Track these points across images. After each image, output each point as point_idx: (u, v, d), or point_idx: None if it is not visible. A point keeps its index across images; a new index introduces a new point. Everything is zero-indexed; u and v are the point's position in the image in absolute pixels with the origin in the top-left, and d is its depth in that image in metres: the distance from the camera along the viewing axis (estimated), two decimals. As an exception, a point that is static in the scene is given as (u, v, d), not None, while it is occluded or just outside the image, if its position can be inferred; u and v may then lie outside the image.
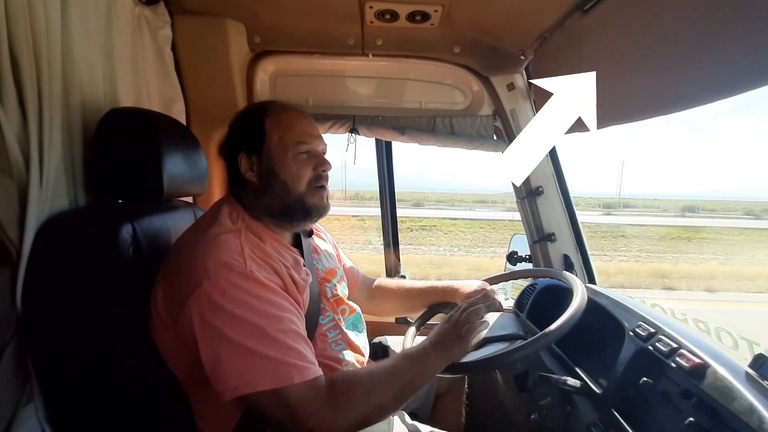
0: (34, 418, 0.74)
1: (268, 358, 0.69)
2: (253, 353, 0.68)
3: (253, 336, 0.69)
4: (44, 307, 0.71)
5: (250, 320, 0.69)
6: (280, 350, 0.70)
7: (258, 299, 0.71)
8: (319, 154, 0.90)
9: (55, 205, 0.78)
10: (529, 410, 0.90)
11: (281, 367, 0.69)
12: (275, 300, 0.74)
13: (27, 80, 0.72)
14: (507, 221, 16.89)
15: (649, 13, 0.74)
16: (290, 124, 0.88)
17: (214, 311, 0.69)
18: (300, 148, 0.87)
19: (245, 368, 0.68)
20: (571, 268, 1.38)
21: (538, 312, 1.14)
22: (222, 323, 0.68)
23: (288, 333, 0.72)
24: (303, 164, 0.87)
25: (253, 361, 0.68)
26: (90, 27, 0.88)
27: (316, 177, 0.88)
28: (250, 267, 0.73)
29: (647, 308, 0.95)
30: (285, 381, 0.68)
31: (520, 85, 1.37)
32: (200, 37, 1.27)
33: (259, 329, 0.69)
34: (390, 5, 1.11)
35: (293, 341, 0.72)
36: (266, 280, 0.74)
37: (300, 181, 0.87)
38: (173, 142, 0.91)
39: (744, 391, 0.63)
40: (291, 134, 0.87)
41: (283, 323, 0.73)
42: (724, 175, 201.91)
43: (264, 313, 0.71)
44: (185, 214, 1.04)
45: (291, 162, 0.86)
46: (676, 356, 0.73)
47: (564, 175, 1.41)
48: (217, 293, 0.69)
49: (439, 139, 1.43)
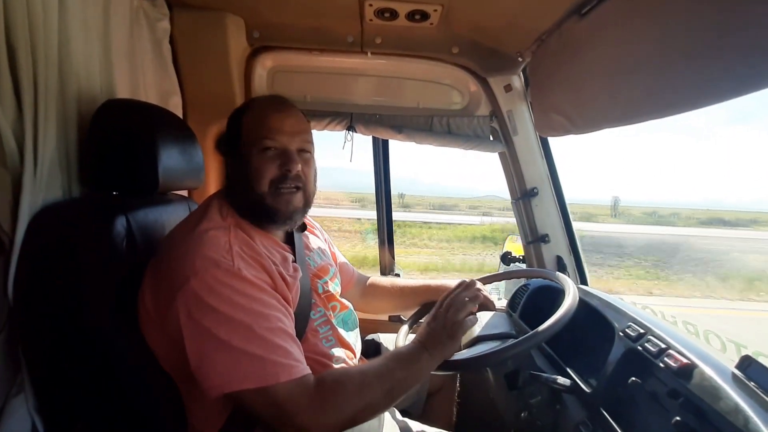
0: (24, 408, 0.73)
1: (254, 356, 0.68)
2: (239, 351, 0.68)
3: (239, 334, 0.68)
4: (36, 298, 0.71)
5: (237, 318, 0.69)
6: (267, 348, 0.69)
7: (245, 297, 0.71)
8: (287, 152, 0.84)
9: (49, 195, 0.77)
10: (519, 408, 0.91)
11: (267, 365, 0.68)
12: (263, 298, 0.74)
13: (23, 70, 0.72)
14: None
15: (645, 17, 0.75)
16: (261, 120, 0.84)
17: (201, 308, 0.68)
18: (264, 143, 0.82)
19: (231, 366, 0.68)
20: (563, 269, 1.39)
21: (531, 312, 1.15)
22: (208, 320, 0.68)
23: (275, 331, 0.72)
24: (266, 161, 0.82)
25: (238, 359, 0.68)
26: (88, 18, 0.88)
27: (280, 177, 0.83)
28: (237, 265, 0.73)
29: (637, 309, 0.96)
30: (271, 379, 0.68)
31: (517, 86, 1.38)
32: (199, 31, 1.26)
33: (246, 327, 0.69)
34: (390, 3, 1.11)
35: (280, 339, 0.72)
36: (254, 278, 0.74)
37: (262, 180, 0.82)
38: (169, 135, 0.90)
39: (730, 391, 0.63)
40: (258, 129, 0.83)
41: (270, 321, 0.72)
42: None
43: (251, 311, 0.71)
44: (180, 207, 1.03)
45: (255, 159, 0.82)
46: (665, 356, 0.74)
47: (559, 177, 1.42)
48: (204, 290, 0.69)
49: (436, 138, 1.43)
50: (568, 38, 1.01)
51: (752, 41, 0.56)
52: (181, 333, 0.69)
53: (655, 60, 0.73)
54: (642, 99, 0.79)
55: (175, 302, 0.69)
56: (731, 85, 0.60)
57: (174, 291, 0.69)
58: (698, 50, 0.65)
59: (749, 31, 0.56)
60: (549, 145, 1.41)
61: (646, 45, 0.75)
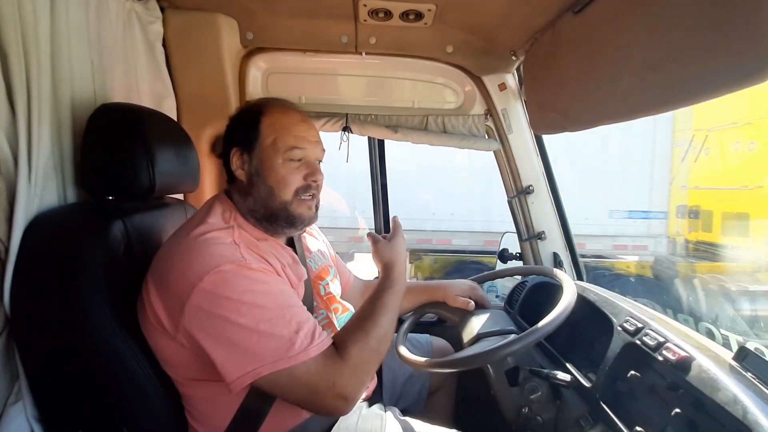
0: (22, 417, 0.73)
1: (282, 337, 0.69)
2: (267, 335, 0.69)
3: (264, 319, 0.69)
4: (34, 305, 0.71)
5: (258, 303, 0.70)
6: (292, 327, 0.71)
7: (261, 284, 0.72)
8: (312, 162, 0.87)
9: (44, 201, 0.77)
10: (520, 404, 0.91)
11: (296, 343, 0.70)
12: (276, 282, 0.76)
13: (16, 75, 0.71)
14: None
15: (639, 14, 0.76)
16: (287, 127, 0.85)
17: (220, 303, 0.68)
18: (292, 154, 0.83)
19: (261, 351, 0.68)
20: (560, 265, 1.41)
21: (529, 309, 1.16)
22: (230, 312, 0.68)
23: (294, 308, 0.74)
24: (293, 171, 0.84)
25: (267, 343, 0.69)
26: (80, 21, 0.87)
27: (305, 186, 0.85)
28: (247, 259, 0.73)
29: (635, 303, 0.97)
30: (303, 356, 0.69)
31: (512, 85, 1.39)
32: (192, 33, 1.25)
33: (269, 311, 0.70)
34: (383, 4, 1.11)
35: (302, 316, 0.74)
36: (263, 269, 0.75)
37: (287, 189, 0.84)
38: (165, 139, 0.90)
39: (728, 382, 0.64)
40: (285, 138, 0.84)
41: (288, 299, 0.75)
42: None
43: (270, 295, 0.72)
44: (177, 211, 1.03)
45: (280, 167, 0.83)
46: (663, 350, 0.75)
47: (554, 174, 1.43)
48: (219, 286, 0.69)
49: (432, 137, 1.44)
50: (562, 36, 1.02)
51: (745, 38, 0.56)
52: (200, 333, 0.69)
53: (649, 57, 0.74)
54: (636, 96, 0.80)
55: (190, 304, 0.68)
56: (724, 82, 0.61)
57: (187, 293, 0.69)
58: (691, 47, 0.65)
59: (742, 28, 0.57)
60: (544, 142, 1.42)
61: (639, 42, 0.76)
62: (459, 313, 1.05)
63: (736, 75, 0.58)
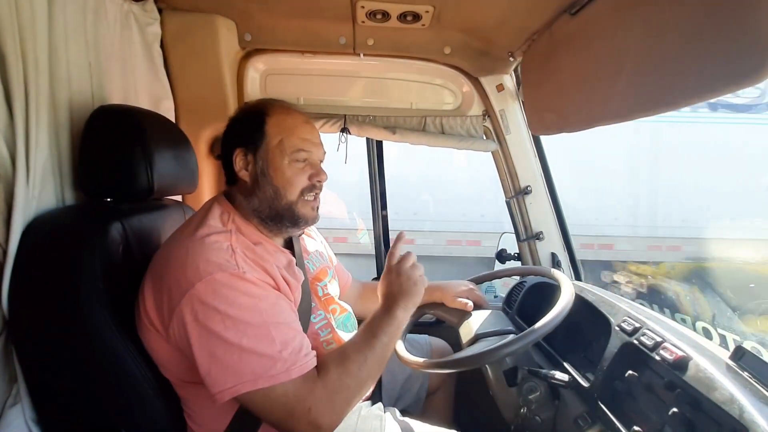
0: (21, 419, 0.73)
1: (264, 356, 0.69)
2: (249, 352, 0.68)
3: (247, 335, 0.68)
4: (32, 308, 0.70)
5: (244, 319, 0.69)
6: (275, 347, 0.70)
7: (250, 297, 0.71)
8: (316, 163, 0.89)
9: (42, 204, 0.77)
10: (518, 404, 0.92)
11: (278, 363, 0.69)
12: (268, 297, 0.74)
13: (13, 78, 0.71)
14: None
15: (636, 15, 0.76)
16: (292, 129, 0.86)
17: (207, 312, 0.68)
18: (298, 155, 0.85)
19: (242, 367, 0.68)
20: (558, 265, 1.41)
21: (527, 309, 1.16)
22: (215, 324, 0.68)
23: (281, 326, 0.73)
24: (298, 172, 0.86)
25: (249, 360, 0.68)
26: (77, 23, 0.87)
27: (309, 186, 0.87)
28: (242, 267, 0.73)
29: (632, 303, 0.98)
30: (282, 377, 0.69)
31: (509, 86, 1.39)
32: (190, 34, 1.25)
33: (253, 327, 0.69)
34: (381, 5, 1.12)
35: (287, 335, 0.72)
36: (258, 280, 0.74)
37: (292, 189, 0.85)
38: (163, 141, 0.90)
39: (725, 381, 0.65)
40: (291, 139, 0.85)
41: (277, 317, 0.73)
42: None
43: (257, 311, 0.71)
44: (175, 213, 1.03)
45: (286, 168, 0.84)
46: (660, 349, 0.76)
47: (552, 175, 1.44)
48: (209, 294, 0.69)
49: (430, 138, 1.44)
50: (559, 37, 1.02)
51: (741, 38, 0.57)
52: (187, 340, 0.68)
53: (646, 58, 0.75)
54: (633, 97, 0.80)
55: (180, 309, 0.69)
56: (722, 82, 0.61)
57: (178, 297, 0.69)
58: (688, 47, 0.66)
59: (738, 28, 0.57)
60: (541, 143, 1.43)
61: (636, 43, 0.77)
62: (457, 314, 1.05)
63: (733, 75, 0.59)
